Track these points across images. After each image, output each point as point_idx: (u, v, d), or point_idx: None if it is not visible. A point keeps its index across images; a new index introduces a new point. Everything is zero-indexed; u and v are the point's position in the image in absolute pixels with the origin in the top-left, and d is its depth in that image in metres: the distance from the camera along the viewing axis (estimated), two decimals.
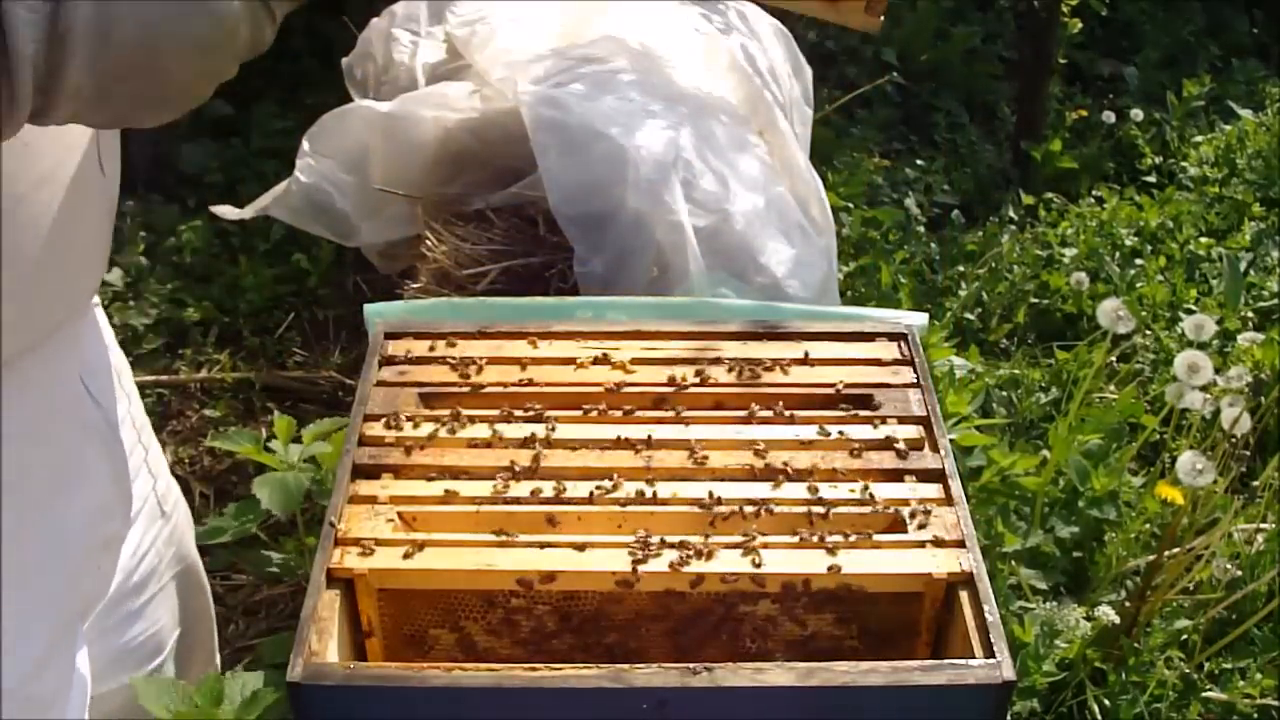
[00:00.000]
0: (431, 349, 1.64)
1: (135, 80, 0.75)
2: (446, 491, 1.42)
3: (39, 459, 1.08)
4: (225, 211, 2.86)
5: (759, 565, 1.33)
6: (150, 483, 1.44)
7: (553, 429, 1.51)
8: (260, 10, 0.81)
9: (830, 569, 1.33)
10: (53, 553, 1.11)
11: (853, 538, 1.36)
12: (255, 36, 0.82)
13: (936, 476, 1.47)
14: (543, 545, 1.35)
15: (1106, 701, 2.06)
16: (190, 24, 0.75)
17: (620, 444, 1.49)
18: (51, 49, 0.71)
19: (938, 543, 1.36)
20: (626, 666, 1.21)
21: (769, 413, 1.55)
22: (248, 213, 2.78)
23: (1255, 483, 2.59)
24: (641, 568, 1.32)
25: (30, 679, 1.07)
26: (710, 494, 1.41)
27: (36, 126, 0.77)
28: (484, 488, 1.42)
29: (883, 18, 1.04)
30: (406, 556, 1.33)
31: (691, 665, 1.21)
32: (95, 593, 1.24)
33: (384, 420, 1.51)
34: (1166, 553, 2.13)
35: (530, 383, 1.58)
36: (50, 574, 1.10)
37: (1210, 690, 2.10)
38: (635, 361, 1.63)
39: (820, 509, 1.40)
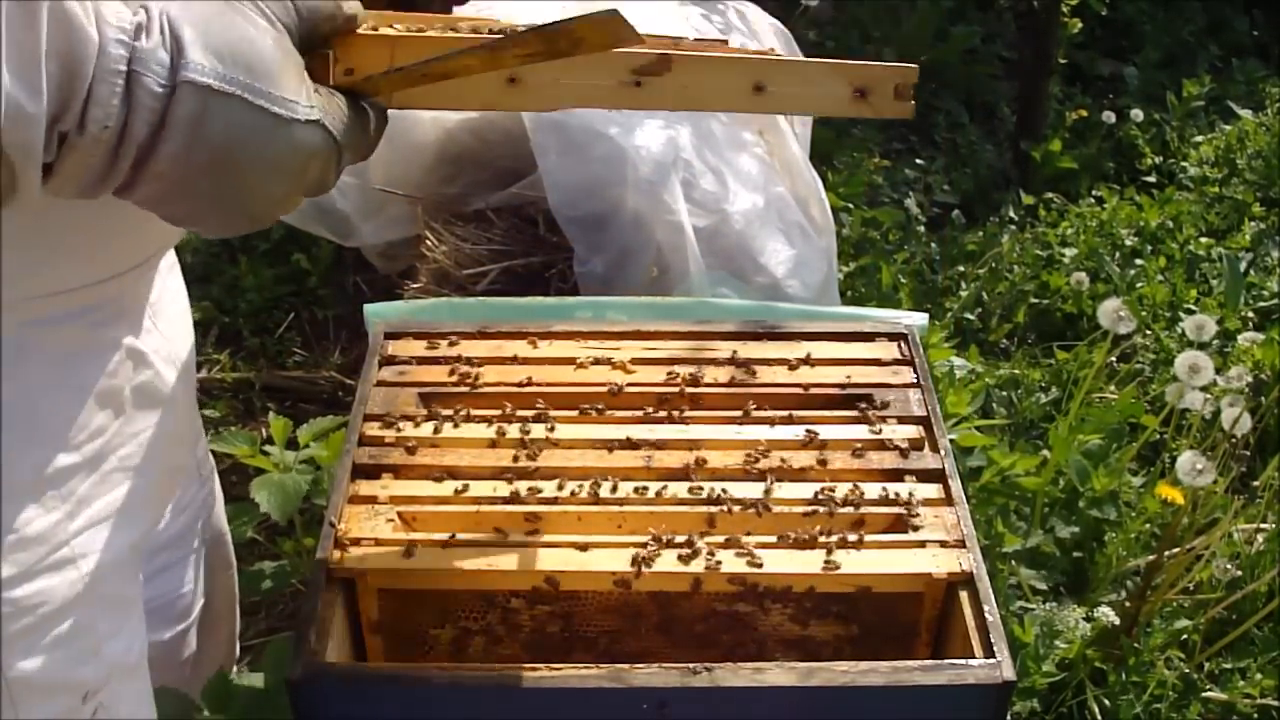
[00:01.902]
0: (432, 349, 1.64)
1: (213, 180, 0.85)
2: (447, 491, 1.42)
3: (133, 373, 1.14)
4: None
5: (759, 566, 1.33)
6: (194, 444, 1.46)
7: (552, 429, 1.51)
8: (333, 155, 0.92)
9: (830, 569, 1.33)
10: (145, 459, 1.15)
11: (853, 538, 1.36)
12: (323, 177, 0.93)
13: (936, 476, 1.47)
14: (543, 545, 1.35)
15: (1106, 701, 2.06)
16: (271, 141, 0.86)
17: (620, 444, 1.49)
18: (153, 131, 0.81)
19: (938, 543, 1.36)
20: (626, 666, 1.21)
21: (768, 413, 1.55)
22: None
23: (1255, 483, 2.58)
24: (642, 568, 1.32)
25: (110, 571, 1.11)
26: (710, 494, 1.41)
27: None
28: (484, 488, 1.42)
29: (914, 101, 1.07)
30: (406, 556, 1.33)
31: (691, 665, 1.21)
32: (154, 521, 1.26)
33: (384, 420, 1.51)
34: (1166, 553, 2.13)
35: (530, 383, 1.58)
36: (140, 476, 1.14)
37: (1210, 690, 2.10)
38: (635, 362, 1.63)
39: (820, 509, 1.40)
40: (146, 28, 0.81)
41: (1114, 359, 2.99)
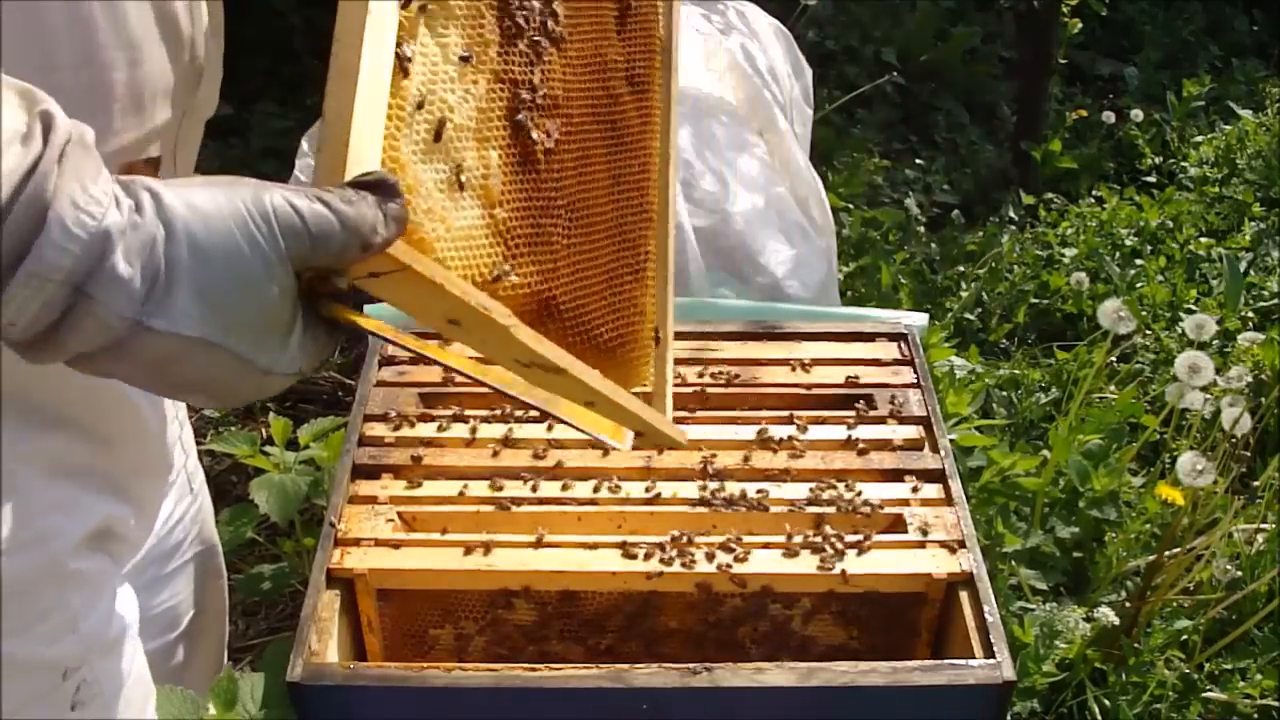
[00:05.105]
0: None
1: (166, 389, 0.80)
2: (447, 491, 1.42)
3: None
4: None
5: (758, 566, 1.33)
6: (183, 459, 1.46)
7: (552, 429, 1.51)
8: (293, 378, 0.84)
9: (830, 569, 1.33)
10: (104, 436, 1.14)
11: (853, 538, 1.36)
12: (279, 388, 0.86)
13: (936, 476, 1.47)
14: (543, 545, 1.35)
15: (1106, 702, 2.06)
16: (243, 382, 0.79)
17: None
18: (93, 350, 0.74)
19: (938, 543, 1.36)
20: (626, 666, 1.21)
21: (769, 413, 1.55)
22: None
23: (1255, 483, 2.58)
24: (641, 568, 1.32)
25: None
26: (710, 494, 1.41)
27: None
28: (484, 488, 1.42)
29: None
30: (406, 556, 1.33)
31: (691, 665, 1.21)
32: (121, 512, 1.26)
33: (384, 420, 1.51)
34: (1166, 553, 2.13)
35: None
36: (99, 457, 1.13)
37: (1210, 690, 2.10)
38: None
39: (820, 509, 1.40)
40: (127, 245, 0.71)
41: (1114, 359, 2.99)
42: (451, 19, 0.92)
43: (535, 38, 0.99)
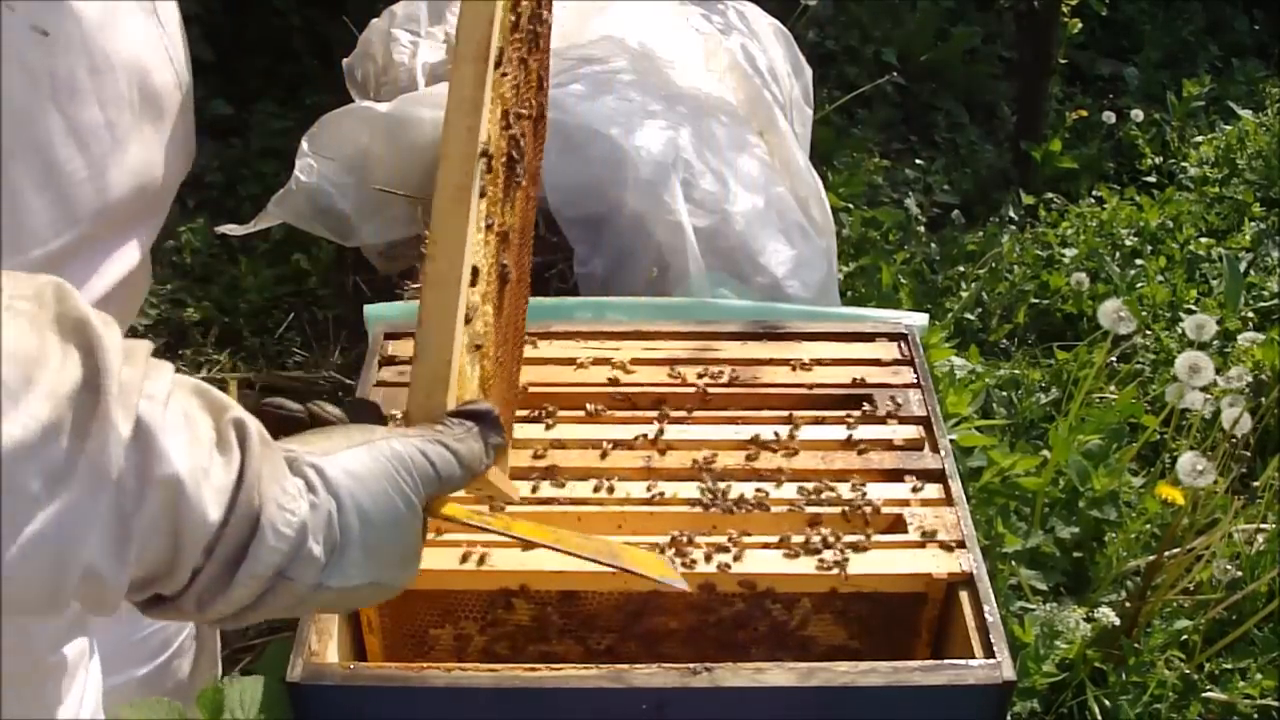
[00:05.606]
0: None
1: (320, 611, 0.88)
2: None
3: None
4: (232, 230, 2.88)
5: (759, 566, 1.33)
6: None
7: (552, 429, 1.51)
8: None
9: (830, 569, 1.33)
10: None
11: (853, 538, 1.36)
12: None
13: (936, 476, 1.47)
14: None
15: (1107, 702, 2.06)
16: (391, 590, 0.87)
17: (620, 444, 1.49)
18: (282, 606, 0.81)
19: (938, 543, 1.36)
20: (626, 666, 1.21)
21: (768, 413, 1.55)
22: (253, 227, 2.79)
23: (1255, 483, 2.58)
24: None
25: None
26: (710, 494, 1.41)
27: None
28: None
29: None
30: None
31: (691, 665, 1.21)
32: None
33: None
34: (1166, 553, 2.13)
35: (530, 383, 1.58)
36: None
37: (1210, 690, 2.10)
38: (635, 362, 1.63)
39: (820, 509, 1.40)
40: (313, 527, 0.78)
41: (1114, 359, 2.99)
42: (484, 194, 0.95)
43: (517, 181, 1.02)
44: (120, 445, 0.68)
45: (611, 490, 1.42)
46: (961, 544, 1.36)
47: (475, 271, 0.94)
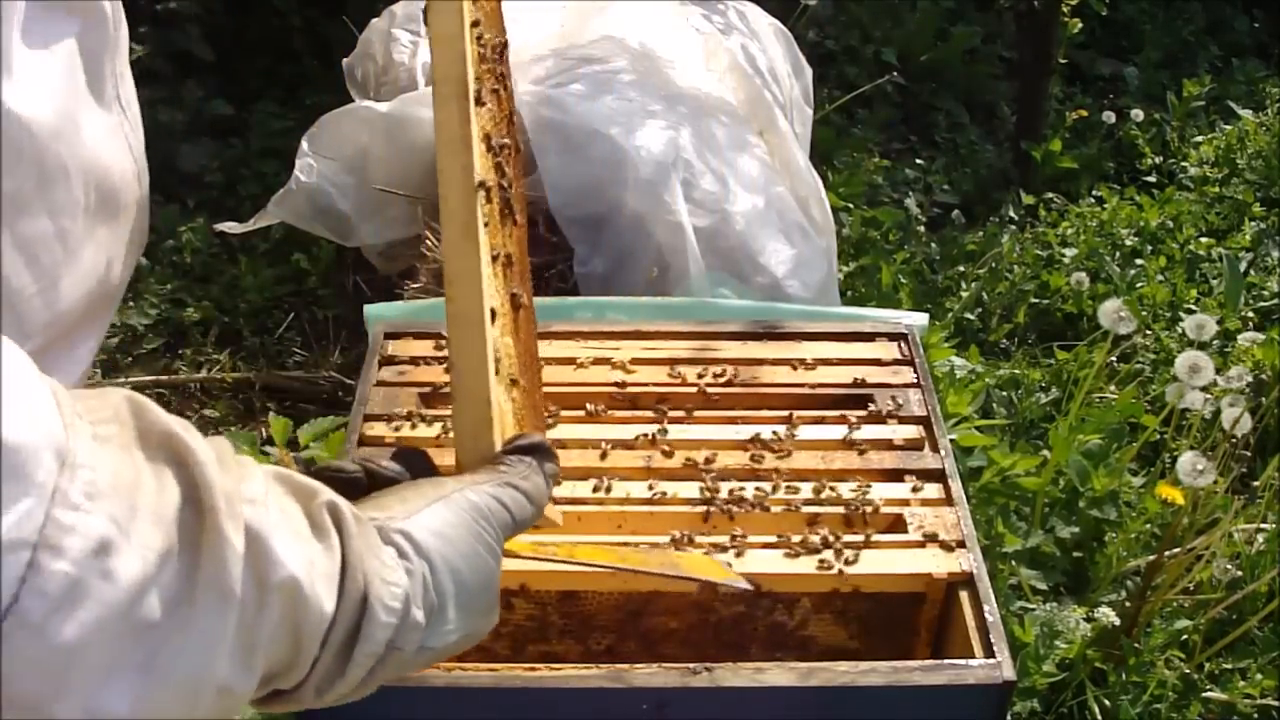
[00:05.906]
0: (434, 349, 1.64)
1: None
2: None
3: None
4: (231, 228, 2.88)
5: (759, 565, 1.33)
6: None
7: (552, 429, 1.50)
8: None
9: (830, 569, 1.33)
10: None
11: (853, 538, 1.36)
12: None
13: (936, 476, 1.47)
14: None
15: (1107, 702, 2.06)
16: (460, 648, 0.87)
17: (620, 444, 1.49)
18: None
19: (938, 543, 1.36)
20: (626, 666, 1.21)
21: (768, 413, 1.55)
22: (252, 225, 2.79)
23: (1255, 483, 2.58)
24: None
25: None
26: (710, 494, 1.41)
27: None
28: None
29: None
30: None
31: (691, 665, 1.21)
32: None
33: (384, 420, 1.51)
34: (1167, 553, 2.13)
35: None
36: None
37: (1210, 690, 2.10)
38: (635, 362, 1.63)
39: (820, 509, 1.40)
40: (413, 597, 0.79)
41: (1114, 359, 2.99)
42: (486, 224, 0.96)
43: (509, 208, 1.03)
44: (238, 561, 0.67)
45: (611, 490, 1.42)
46: (961, 544, 1.36)
47: (493, 311, 0.95)
